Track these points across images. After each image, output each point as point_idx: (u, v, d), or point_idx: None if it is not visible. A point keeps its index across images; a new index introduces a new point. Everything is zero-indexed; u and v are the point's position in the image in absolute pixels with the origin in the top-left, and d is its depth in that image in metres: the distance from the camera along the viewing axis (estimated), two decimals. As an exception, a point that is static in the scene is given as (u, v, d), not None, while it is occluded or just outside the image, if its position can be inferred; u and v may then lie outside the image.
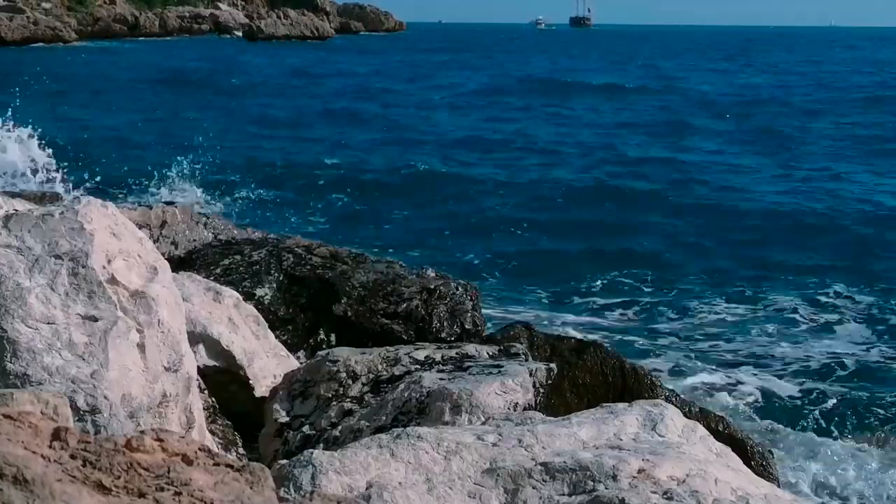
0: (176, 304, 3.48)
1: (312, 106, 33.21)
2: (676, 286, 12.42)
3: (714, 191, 18.69)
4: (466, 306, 5.47)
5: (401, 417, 3.68)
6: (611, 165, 21.56)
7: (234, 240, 6.61)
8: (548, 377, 3.86)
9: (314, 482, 2.67)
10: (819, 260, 13.75)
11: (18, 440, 1.78)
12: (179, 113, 29.44)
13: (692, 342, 10.31)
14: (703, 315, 11.25)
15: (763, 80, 49.54)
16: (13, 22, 74.27)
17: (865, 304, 11.66)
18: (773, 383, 9.10)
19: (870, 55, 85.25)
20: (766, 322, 11.02)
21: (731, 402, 8.56)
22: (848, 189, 19.12)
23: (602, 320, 11.06)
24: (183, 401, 3.37)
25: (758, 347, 10.18)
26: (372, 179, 19.20)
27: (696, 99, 37.64)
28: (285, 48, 75.85)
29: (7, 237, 3.19)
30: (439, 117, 30.83)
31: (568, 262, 13.45)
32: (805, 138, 26.52)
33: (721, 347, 10.17)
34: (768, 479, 4.07)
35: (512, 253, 13.94)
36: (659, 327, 10.81)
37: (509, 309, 10.94)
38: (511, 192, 18.31)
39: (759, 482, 2.90)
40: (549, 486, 2.68)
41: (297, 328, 5.45)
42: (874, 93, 40.70)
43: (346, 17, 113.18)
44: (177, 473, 1.82)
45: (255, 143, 24.15)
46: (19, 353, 2.96)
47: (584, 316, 11.18)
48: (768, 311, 11.42)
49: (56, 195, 9.45)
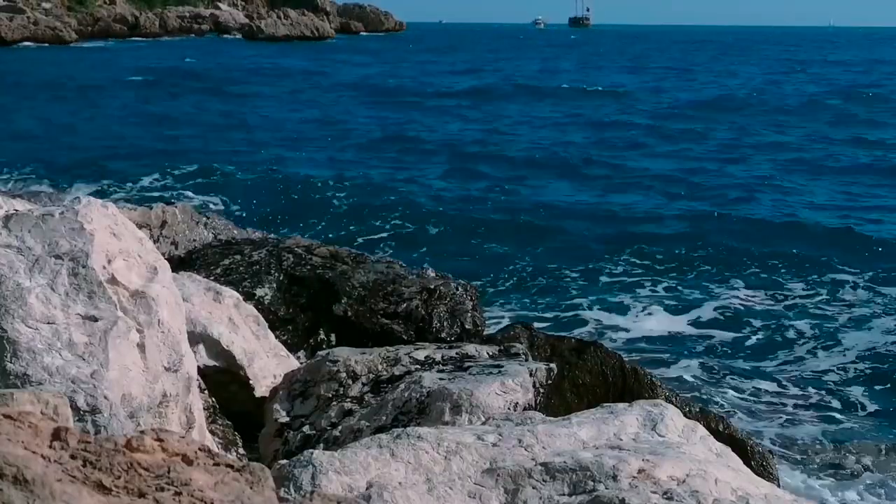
0: (176, 304, 3.48)
1: (208, 104, 32.84)
2: (673, 286, 12.42)
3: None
4: (466, 306, 5.47)
5: (401, 417, 3.68)
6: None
7: (234, 240, 6.61)
8: (548, 377, 3.86)
9: (314, 482, 2.67)
10: (818, 259, 13.75)
11: (18, 440, 1.78)
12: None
13: (692, 342, 10.31)
14: (703, 315, 11.25)
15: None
16: (13, 22, 74.30)
17: (866, 305, 11.66)
18: (774, 383, 9.10)
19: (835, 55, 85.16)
20: (766, 321, 11.03)
21: (731, 402, 8.56)
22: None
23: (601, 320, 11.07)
24: (183, 401, 3.37)
25: (758, 347, 10.18)
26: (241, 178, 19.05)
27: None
28: (265, 48, 75.63)
29: (7, 237, 3.19)
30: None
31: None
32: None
33: (722, 347, 10.17)
34: (768, 479, 4.07)
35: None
36: (658, 327, 10.81)
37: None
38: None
39: (759, 482, 2.90)
40: (549, 486, 2.68)
41: (297, 328, 5.45)
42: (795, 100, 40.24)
43: (346, 17, 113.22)
44: (177, 473, 1.82)
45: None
46: (19, 353, 2.96)
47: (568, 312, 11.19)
48: (768, 311, 11.42)
49: (56, 195, 9.44)
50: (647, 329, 10.72)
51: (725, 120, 30.40)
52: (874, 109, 34.32)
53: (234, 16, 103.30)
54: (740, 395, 8.76)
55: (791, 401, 8.77)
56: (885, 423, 8.31)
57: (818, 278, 12.78)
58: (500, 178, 19.95)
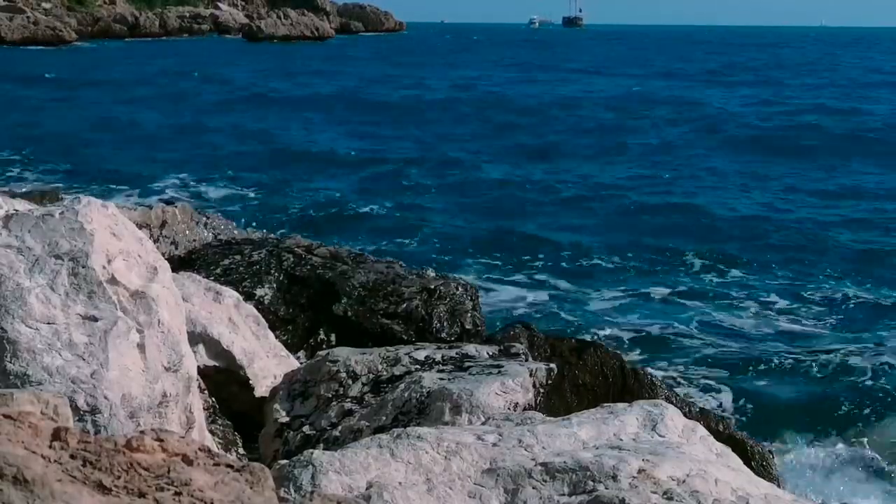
0: (176, 304, 3.48)
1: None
2: (674, 286, 12.42)
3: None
4: (466, 306, 5.47)
5: (401, 417, 3.68)
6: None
7: (234, 240, 6.61)
8: (548, 377, 3.86)
9: (314, 482, 2.67)
10: (817, 261, 13.75)
11: (18, 440, 1.78)
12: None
13: (692, 341, 10.31)
14: (703, 314, 11.25)
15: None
16: (13, 22, 74.32)
17: (866, 305, 11.66)
18: (774, 383, 9.10)
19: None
20: (765, 322, 11.03)
21: (732, 402, 8.56)
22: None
23: (599, 319, 11.06)
24: (183, 401, 3.37)
25: (758, 347, 10.18)
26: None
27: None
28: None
29: (7, 237, 3.19)
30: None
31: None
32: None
33: (721, 347, 10.17)
34: (768, 479, 4.07)
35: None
36: (659, 327, 10.81)
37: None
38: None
39: (759, 482, 2.90)
40: (549, 486, 2.68)
41: (297, 328, 5.45)
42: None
43: (346, 17, 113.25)
44: (177, 473, 1.82)
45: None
46: (19, 353, 2.96)
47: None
48: (768, 311, 11.42)
49: (56, 195, 9.45)
50: (647, 329, 10.71)
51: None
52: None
53: (234, 16, 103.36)
54: (740, 395, 8.75)
55: (791, 401, 8.77)
56: (886, 423, 8.31)
57: (820, 278, 12.79)
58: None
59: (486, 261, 13.51)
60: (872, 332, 10.71)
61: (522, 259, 13.62)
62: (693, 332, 10.68)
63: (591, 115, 32.32)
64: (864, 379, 9.33)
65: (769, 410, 8.48)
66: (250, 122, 29.37)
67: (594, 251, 14.12)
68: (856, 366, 9.65)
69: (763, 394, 8.84)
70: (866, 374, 9.45)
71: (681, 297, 11.93)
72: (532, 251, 14.06)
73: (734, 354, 9.95)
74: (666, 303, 11.75)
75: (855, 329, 10.81)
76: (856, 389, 9.03)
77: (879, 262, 13.63)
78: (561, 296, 12.00)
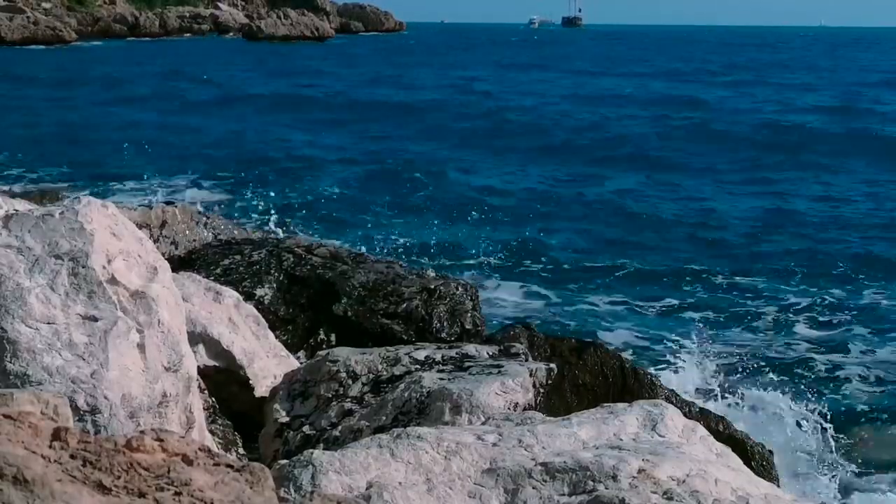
0: (176, 304, 3.48)
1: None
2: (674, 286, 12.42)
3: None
4: (466, 306, 5.47)
5: (401, 417, 3.68)
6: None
7: (234, 240, 6.61)
8: (548, 377, 3.86)
9: (314, 482, 2.67)
10: (818, 261, 13.75)
11: (18, 440, 1.78)
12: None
13: (692, 341, 10.30)
14: (703, 314, 11.25)
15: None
16: (13, 22, 74.33)
17: (866, 305, 11.66)
18: (774, 382, 9.09)
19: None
20: (766, 322, 11.02)
21: (731, 402, 8.55)
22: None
23: (600, 318, 11.06)
24: (183, 401, 3.37)
25: (759, 348, 10.18)
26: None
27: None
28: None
29: (7, 237, 3.19)
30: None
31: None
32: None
33: (722, 347, 10.16)
34: (768, 479, 4.07)
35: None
36: (659, 327, 10.81)
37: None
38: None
39: (759, 482, 2.90)
40: (549, 486, 2.68)
41: (297, 328, 5.45)
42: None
43: (346, 17, 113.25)
44: (177, 473, 1.82)
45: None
46: (19, 353, 2.96)
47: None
48: (769, 311, 11.42)
49: (56, 195, 9.45)
50: (647, 329, 10.71)
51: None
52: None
53: (234, 16, 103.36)
54: (740, 395, 8.75)
55: (791, 401, 8.76)
56: (887, 423, 8.31)
57: (820, 279, 12.78)
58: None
59: (487, 261, 13.51)
60: (872, 332, 10.71)
61: (523, 259, 13.62)
62: (694, 331, 10.68)
63: (592, 115, 32.33)
64: (867, 379, 9.33)
65: (769, 410, 8.47)
66: (250, 122, 29.40)
67: (594, 252, 14.13)
68: (856, 366, 9.65)
69: (763, 394, 8.83)
70: (867, 374, 9.46)
71: (681, 298, 11.93)
72: (532, 252, 14.06)
73: (735, 354, 9.95)
74: (666, 304, 11.75)
75: (855, 329, 10.81)
76: (858, 390, 9.04)
77: (880, 263, 13.63)
78: (561, 297, 12.00)
